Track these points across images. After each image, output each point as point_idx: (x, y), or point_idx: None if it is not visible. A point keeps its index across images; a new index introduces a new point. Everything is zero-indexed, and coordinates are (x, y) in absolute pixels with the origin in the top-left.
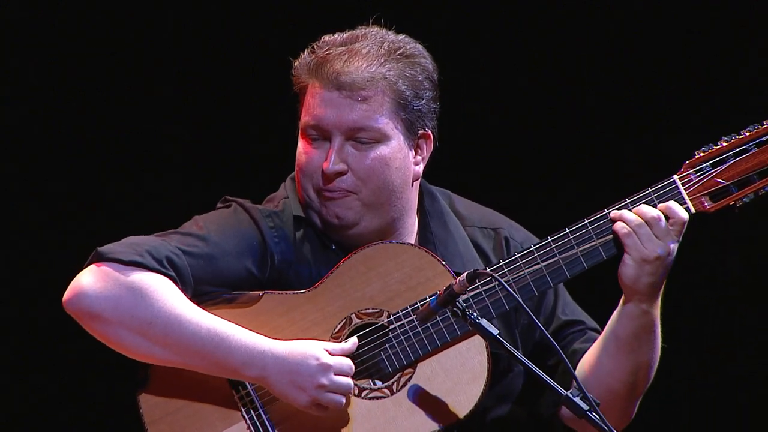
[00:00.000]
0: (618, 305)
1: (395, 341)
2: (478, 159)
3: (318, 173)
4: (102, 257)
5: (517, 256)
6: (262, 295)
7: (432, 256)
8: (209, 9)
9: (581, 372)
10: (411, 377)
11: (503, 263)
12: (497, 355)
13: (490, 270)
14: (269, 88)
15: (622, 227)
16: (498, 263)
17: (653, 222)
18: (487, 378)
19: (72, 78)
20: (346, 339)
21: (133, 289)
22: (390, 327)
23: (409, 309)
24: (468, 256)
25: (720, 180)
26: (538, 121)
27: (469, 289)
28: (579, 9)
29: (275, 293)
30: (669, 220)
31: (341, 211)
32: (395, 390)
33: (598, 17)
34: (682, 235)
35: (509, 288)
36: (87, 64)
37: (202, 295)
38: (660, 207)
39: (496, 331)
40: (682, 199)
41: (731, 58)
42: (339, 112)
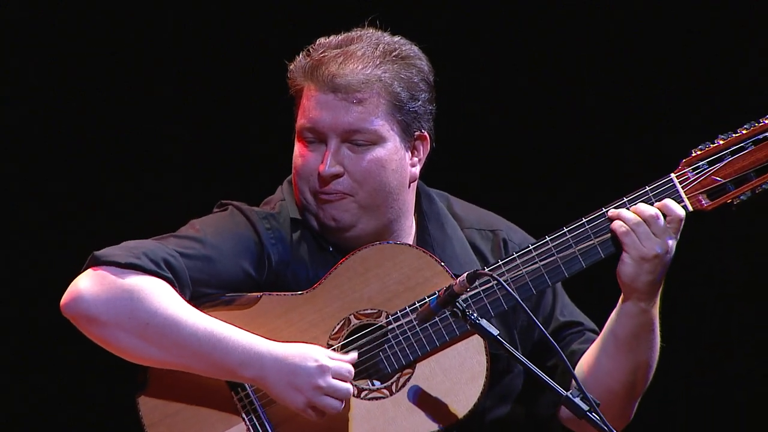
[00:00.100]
0: (617, 304)
1: (394, 342)
2: (477, 159)
3: (314, 176)
4: (98, 261)
5: (515, 255)
6: (260, 297)
7: (430, 256)
8: (209, 9)
9: (580, 373)
10: (410, 377)
11: (501, 263)
12: (496, 355)
13: (488, 270)
14: (269, 88)
15: (620, 226)
16: (496, 263)
17: (651, 220)
18: (486, 378)
19: (72, 78)
20: (345, 339)
21: (130, 291)
22: (389, 327)
23: (408, 309)
24: (466, 258)
25: (717, 178)
26: (537, 121)
27: (469, 290)
28: (578, 9)
29: (273, 295)
30: (666, 217)
31: (338, 214)
32: (394, 390)
33: (597, 17)
34: (679, 233)
35: (509, 288)
36: (87, 64)
37: (200, 297)
38: (657, 205)
39: (496, 332)
40: (679, 198)
41: (731, 58)
42: (335, 114)
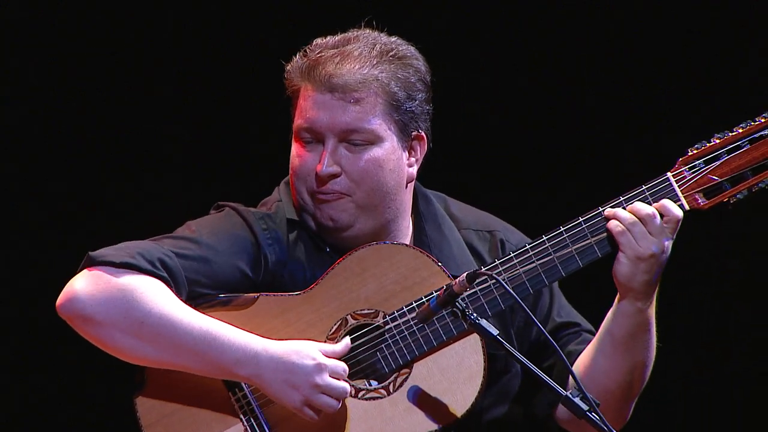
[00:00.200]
0: (613, 304)
1: (391, 341)
2: (476, 159)
3: (312, 176)
4: (94, 261)
5: (512, 255)
6: (257, 297)
7: (427, 256)
8: (209, 9)
9: (577, 373)
10: (407, 377)
11: (498, 262)
12: (493, 355)
13: (485, 269)
14: (269, 88)
15: (616, 225)
16: (493, 262)
17: (648, 219)
18: (484, 377)
19: (72, 78)
20: (341, 340)
21: (125, 290)
22: (386, 327)
23: (405, 309)
24: (463, 258)
25: (713, 177)
26: (536, 121)
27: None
28: (577, 9)
29: (271, 295)
30: (664, 218)
31: (335, 214)
32: (392, 390)
33: (596, 17)
34: (676, 233)
35: (508, 287)
36: (87, 64)
37: (197, 298)
38: (655, 205)
39: (496, 332)
40: (675, 197)
41: (730, 57)
42: (332, 114)
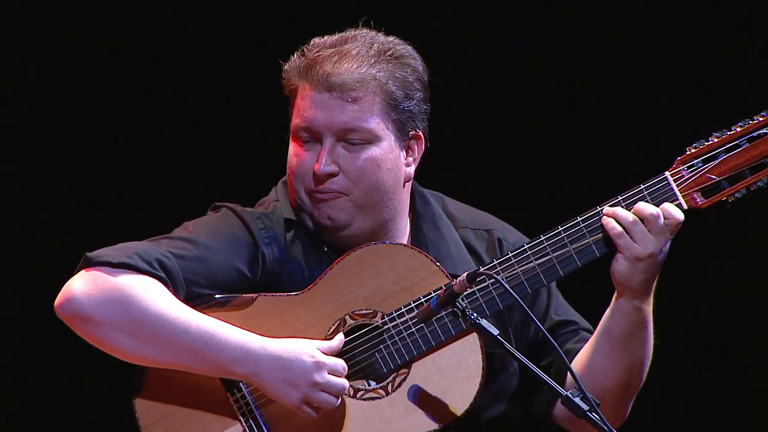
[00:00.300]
0: (611, 302)
1: (389, 342)
2: (476, 159)
3: (309, 175)
4: (91, 261)
5: (511, 254)
6: (255, 298)
7: (425, 256)
8: (209, 9)
9: (575, 371)
10: (406, 377)
11: (496, 262)
12: (492, 354)
13: (484, 269)
14: (269, 88)
15: (613, 226)
16: (491, 262)
17: (651, 219)
18: (482, 377)
19: (72, 78)
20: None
21: (123, 290)
22: (384, 327)
23: (404, 309)
24: (460, 258)
25: (712, 176)
26: (536, 121)
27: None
28: (577, 9)
29: (269, 295)
30: (666, 220)
31: (333, 213)
32: (390, 390)
33: (596, 17)
34: (674, 234)
35: (508, 287)
36: (87, 64)
37: (194, 299)
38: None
39: (496, 332)
40: (674, 196)
41: (730, 58)
42: (329, 113)
